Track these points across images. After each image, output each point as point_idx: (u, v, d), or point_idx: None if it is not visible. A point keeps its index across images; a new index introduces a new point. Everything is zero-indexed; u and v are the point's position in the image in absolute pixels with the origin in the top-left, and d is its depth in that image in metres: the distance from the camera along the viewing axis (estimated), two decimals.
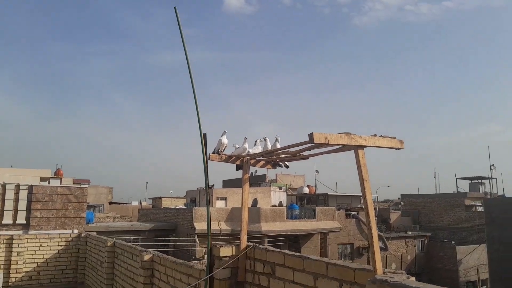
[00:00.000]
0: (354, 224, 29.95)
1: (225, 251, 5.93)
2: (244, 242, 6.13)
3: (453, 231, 35.46)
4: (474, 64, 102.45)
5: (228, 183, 38.47)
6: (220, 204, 28.86)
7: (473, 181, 40.91)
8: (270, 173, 38.90)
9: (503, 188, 39.32)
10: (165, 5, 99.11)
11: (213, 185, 31.77)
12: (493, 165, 37.75)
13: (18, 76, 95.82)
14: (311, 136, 3.69)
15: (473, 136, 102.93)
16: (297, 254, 4.95)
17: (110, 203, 43.83)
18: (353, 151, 4.20)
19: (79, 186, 18.57)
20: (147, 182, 74.01)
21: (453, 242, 32.42)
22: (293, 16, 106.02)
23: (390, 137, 4.01)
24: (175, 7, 6.50)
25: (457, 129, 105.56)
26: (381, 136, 3.96)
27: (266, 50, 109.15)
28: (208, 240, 6.25)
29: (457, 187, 40.11)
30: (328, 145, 3.88)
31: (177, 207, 31.64)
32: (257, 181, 36.74)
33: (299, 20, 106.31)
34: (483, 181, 39.89)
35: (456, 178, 40.31)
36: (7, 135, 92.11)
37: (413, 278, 3.59)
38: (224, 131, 6.41)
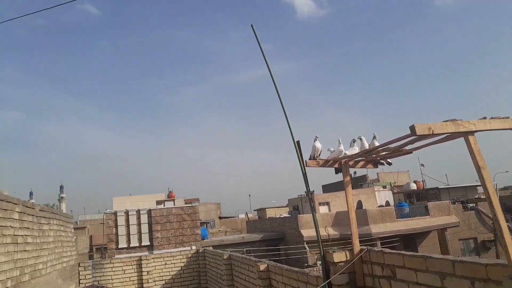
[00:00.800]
0: (474, 216, 27.38)
1: (339, 256, 5.86)
2: (357, 246, 6.00)
3: None
4: None
5: (328, 188, 37.93)
6: (323, 209, 28.58)
7: None
8: (371, 173, 37.52)
9: None
10: (239, 26, 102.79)
11: (313, 191, 31.59)
12: None
13: (123, 113, 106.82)
14: (412, 128, 3.51)
15: None
16: (417, 254, 4.70)
17: (220, 218, 46.04)
18: (462, 138, 3.90)
19: (190, 205, 19.89)
20: (249, 195, 76.23)
21: None
22: (367, 9, 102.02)
23: (503, 118, 3.65)
24: (252, 25, 6.73)
25: None
26: (492, 118, 3.62)
27: (344, 49, 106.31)
28: (319, 246, 6.24)
29: None
30: (433, 135, 3.65)
31: (281, 216, 32.07)
32: (358, 182, 35.69)
33: (375, 14, 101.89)
34: None
35: None
36: (123, 166, 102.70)
37: None
38: (316, 136, 6.39)
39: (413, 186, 32.71)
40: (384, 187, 31.97)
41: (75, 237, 13.76)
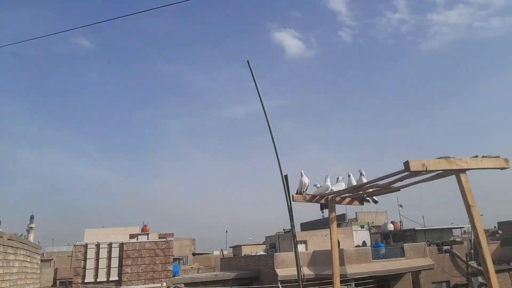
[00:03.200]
0: (448, 259, 27.51)
1: None
2: (337, 286, 5.85)
3: None
4: None
5: (306, 226, 37.63)
6: (300, 248, 28.14)
7: None
8: (350, 212, 37.54)
9: None
10: (227, 63, 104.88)
11: (294, 227, 31.22)
12: None
13: (105, 144, 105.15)
14: (406, 164, 3.49)
15: None
16: None
17: (193, 254, 44.73)
18: (446, 177, 3.92)
19: (165, 240, 19.26)
20: (226, 231, 74.71)
21: None
22: (355, 52, 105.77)
23: (494, 157, 3.67)
24: (248, 61, 6.84)
25: None
26: (483, 157, 3.64)
27: (331, 89, 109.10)
28: (299, 285, 6.06)
29: None
30: (426, 172, 3.64)
31: (257, 253, 31.42)
32: (336, 221, 35.59)
33: (362, 55, 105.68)
34: None
35: None
36: (97, 198, 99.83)
37: None
38: (301, 171, 6.37)
39: (390, 227, 32.81)
40: (362, 227, 31.94)
41: (40, 270, 12.98)
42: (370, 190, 5.22)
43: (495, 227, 42.12)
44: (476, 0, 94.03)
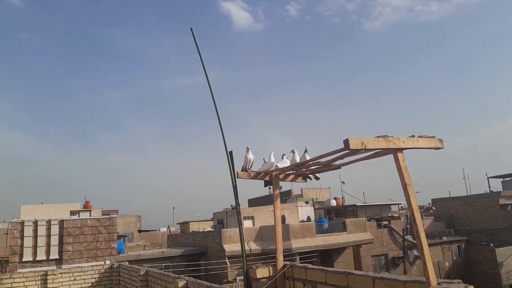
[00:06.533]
0: (386, 234, 29.14)
1: (262, 272, 5.73)
2: (280, 261, 5.93)
3: (490, 233, 34.04)
4: (492, 58, 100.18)
5: (254, 202, 38.19)
6: (247, 223, 28.56)
7: (505, 179, 39.33)
8: (295, 188, 38.49)
9: None
10: (173, 32, 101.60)
11: (239, 204, 31.49)
12: None
13: (36, 113, 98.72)
14: (346, 142, 3.50)
15: (497, 132, 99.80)
16: (339, 270, 4.71)
17: (139, 231, 44.05)
18: (385, 156, 4.01)
19: (108, 217, 18.68)
20: (173, 208, 74.27)
21: (491, 245, 31.09)
22: (302, 28, 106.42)
23: (429, 137, 3.79)
24: (191, 28, 6.53)
25: (480, 127, 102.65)
26: (419, 137, 3.74)
27: (278, 64, 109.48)
28: (244, 261, 6.07)
29: (489, 186, 38.63)
30: (365, 150, 3.68)
31: (205, 230, 31.51)
32: (282, 197, 36.37)
33: (308, 31, 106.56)
34: None
35: (488, 177, 38.90)
36: (32, 171, 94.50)
37: (472, 287, 3.32)
38: (248, 147, 6.28)
39: (333, 203, 34.08)
40: (307, 202, 32.91)
41: None
42: (313, 167, 5.25)
43: (429, 203, 45.04)
44: None
